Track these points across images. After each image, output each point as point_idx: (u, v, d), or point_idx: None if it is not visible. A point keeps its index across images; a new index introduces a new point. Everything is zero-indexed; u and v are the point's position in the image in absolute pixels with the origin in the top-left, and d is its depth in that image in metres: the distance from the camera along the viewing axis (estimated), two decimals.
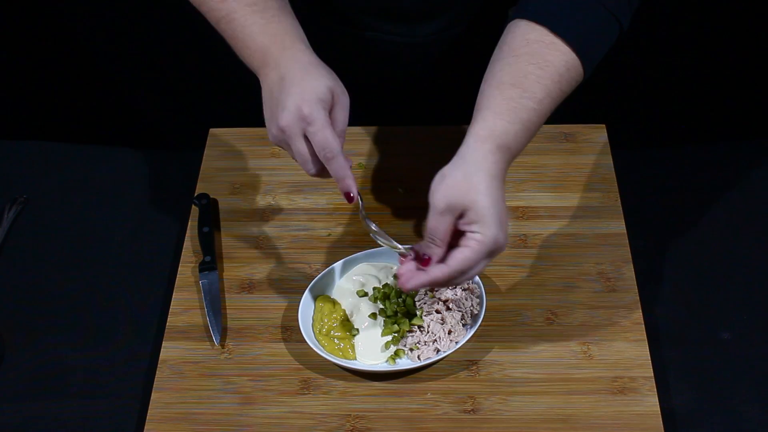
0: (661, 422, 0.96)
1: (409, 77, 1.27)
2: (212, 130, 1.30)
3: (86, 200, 1.27)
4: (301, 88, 0.93)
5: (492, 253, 0.91)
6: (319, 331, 1.03)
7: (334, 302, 1.06)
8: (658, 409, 0.97)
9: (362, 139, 1.28)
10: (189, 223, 1.19)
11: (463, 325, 1.03)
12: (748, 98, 1.87)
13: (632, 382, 0.99)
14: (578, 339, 1.04)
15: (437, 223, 0.91)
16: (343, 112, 0.96)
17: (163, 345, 1.06)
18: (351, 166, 0.96)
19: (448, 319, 1.02)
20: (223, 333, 1.06)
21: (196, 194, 1.21)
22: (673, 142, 1.32)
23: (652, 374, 1.00)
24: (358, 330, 1.04)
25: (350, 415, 0.98)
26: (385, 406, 0.99)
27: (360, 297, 1.07)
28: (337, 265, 1.09)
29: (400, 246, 0.97)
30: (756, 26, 1.81)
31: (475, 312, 1.03)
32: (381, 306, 1.05)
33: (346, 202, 0.97)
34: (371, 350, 1.02)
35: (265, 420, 0.98)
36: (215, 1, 1.01)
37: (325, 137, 0.92)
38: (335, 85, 0.95)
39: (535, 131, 0.96)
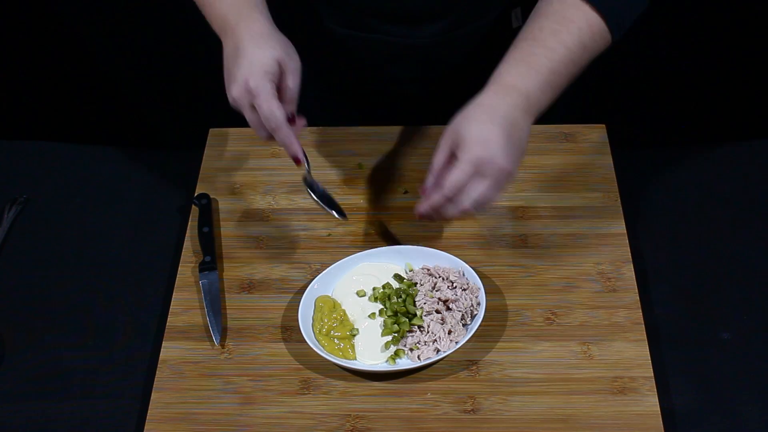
0: (661, 422, 0.96)
1: (412, 78, 1.27)
2: (212, 130, 1.30)
3: (86, 200, 1.27)
4: (249, 61, 0.98)
5: (482, 171, 0.94)
6: (319, 331, 1.03)
7: (334, 302, 1.06)
8: (658, 409, 0.97)
9: (362, 139, 1.28)
10: (189, 223, 1.19)
11: (464, 325, 1.03)
12: (748, 98, 1.87)
13: (632, 382, 0.99)
14: (578, 339, 1.04)
15: (436, 154, 0.98)
16: (293, 79, 1.00)
17: (163, 345, 1.06)
18: (301, 127, 1.02)
19: (448, 319, 1.02)
20: (223, 333, 1.06)
21: (196, 194, 1.21)
22: (673, 142, 1.32)
23: (652, 374, 1.00)
24: (357, 330, 1.04)
25: (350, 415, 0.98)
26: (385, 406, 0.99)
27: (360, 297, 1.07)
28: (337, 265, 1.09)
29: (336, 215, 1.09)
30: (756, 26, 1.81)
31: (475, 312, 1.03)
32: (381, 306, 1.05)
33: (348, 202, 1.06)
34: (371, 350, 1.02)
35: (265, 420, 0.98)
36: None
37: (269, 109, 0.97)
38: (283, 55, 0.99)
39: (550, 76, 0.99)
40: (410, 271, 1.09)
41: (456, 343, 1.00)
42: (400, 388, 1.00)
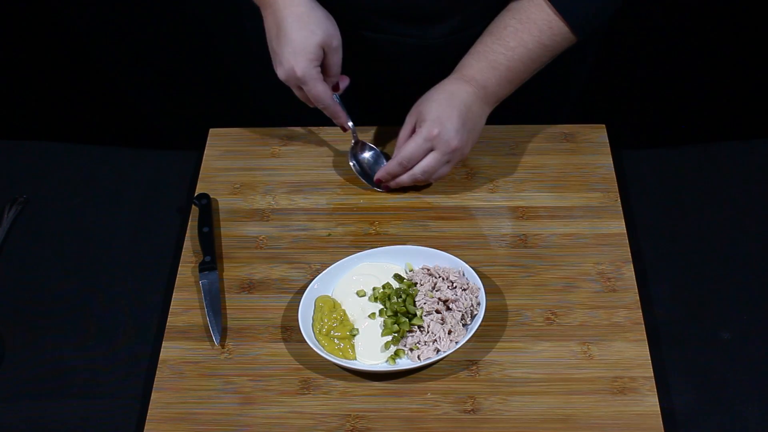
0: (661, 422, 0.96)
1: (422, 79, 1.27)
2: (212, 130, 1.30)
3: (86, 200, 1.27)
4: (293, 46, 1.07)
5: (435, 146, 1.11)
6: (319, 331, 1.03)
7: (334, 302, 1.06)
8: (658, 409, 0.97)
9: (367, 138, 1.28)
10: (189, 223, 1.19)
11: (464, 325, 1.03)
12: (748, 98, 1.87)
13: (632, 382, 0.99)
14: (578, 339, 1.04)
15: (402, 129, 1.13)
16: (336, 57, 1.11)
17: (163, 345, 1.06)
18: (345, 87, 1.17)
19: (448, 319, 1.02)
20: (223, 333, 1.06)
21: (196, 194, 1.21)
22: (673, 142, 1.32)
23: (652, 374, 1.00)
24: (357, 330, 1.04)
25: (350, 415, 0.98)
26: (385, 406, 0.99)
27: (360, 297, 1.07)
28: (337, 265, 1.09)
29: (375, 188, 1.20)
30: (756, 26, 1.81)
31: (475, 312, 1.03)
32: (381, 306, 1.05)
33: (348, 202, 1.14)
34: (371, 350, 1.02)
35: (265, 420, 0.98)
36: None
37: (317, 92, 1.10)
38: (324, 38, 1.08)
39: (507, 74, 1.11)
40: (410, 271, 1.09)
41: (456, 343, 1.00)
42: (400, 388, 1.00)
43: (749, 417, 1.00)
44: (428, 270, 1.07)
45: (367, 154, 1.23)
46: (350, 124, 1.18)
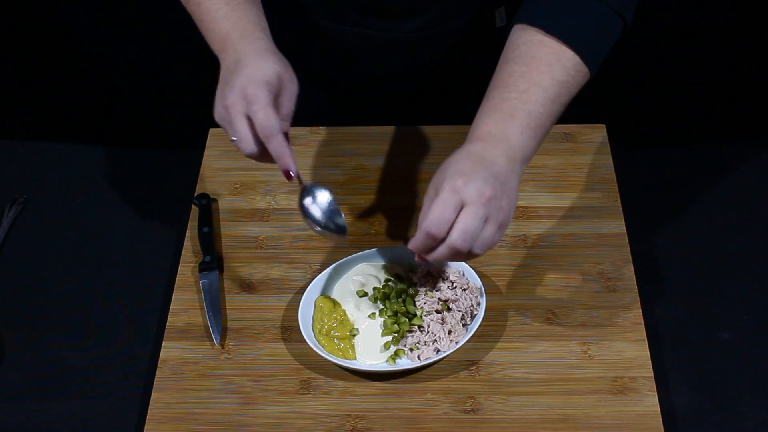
0: (661, 422, 0.96)
1: (398, 74, 1.27)
2: (212, 130, 1.30)
3: (86, 200, 1.27)
4: (250, 70, 0.95)
5: (465, 198, 0.88)
6: (319, 331, 1.03)
7: (334, 302, 1.06)
8: (658, 409, 0.97)
9: (362, 139, 1.28)
10: (189, 223, 1.19)
11: (464, 325, 1.03)
12: (748, 98, 1.87)
13: (632, 382, 0.99)
14: (578, 339, 1.04)
15: (423, 207, 0.91)
16: (289, 99, 0.97)
17: (163, 345, 1.06)
18: (291, 151, 0.96)
19: (448, 320, 1.02)
20: (223, 333, 1.06)
21: (196, 194, 1.21)
22: (673, 142, 1.32)
23: (652, 374, 1.00)
24: (357, 330, 1.04)
25: (350, 415, 0.98)
26: (385, 406, 0.99)
27: (360, 297, 1.07)
28: (337, 265, 1.09)
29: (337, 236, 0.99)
30: (756, 26, 1.81)
31: (475, 312, 1.03)
32: (381, 306, 1.05)
33: (348, 202, 1.06)
34: (371, 350, 1.02)
35: (265, 420, 0.98)
36: None
37: (267, 115, 0.93)
38: (284, 72, 0.97)
39: (527, 119, 0.95)
40: (410, 271, 1.09)
41: (456, 343, 1.00)
42: (400, 388, 1.00)
43: (749, 417, 1.00)
44: (428, 270, 1.07)
45: (320, 198, 0.99)
46: (294, 168, 0.96)
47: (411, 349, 1.01)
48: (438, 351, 1.01)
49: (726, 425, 0.99)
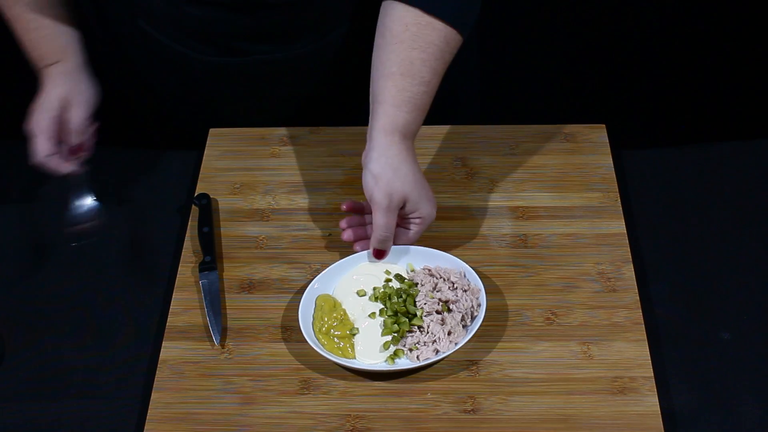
0: (661, 422, 0.96)
1: (300, 90, 1.29)
2: (212, 130, 1.30)
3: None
4: (40, 98, 1.16)
5: (429, 225, 1.08)
6: (319, 330, 1.03)
7: (334, 301, 1.06)
8: (658, 409, 0.97)
9: (362, 139, 1.27)
10: (189, 223, 1.19)
11: (463, 326, 1.03)
12: (748, 98, 1.87)
13: (632, 382, 0.99)
14: (578, 339, 1.04)
15: (387, 221, 1.03)
16: (77, 112, 1.17)
17: (163, 345, 1.06)
18: (82, 156, 1.19)
19: (448, 320, 1.02)
20: (223, 333, 1.06)
21: (196, 194, 1.21)
22: (673, 142, 1.32)
23: (652, 374, 1.00)
24: (358, 329, 1.04)
25: (350, 415, 0.98)
26: (385, 406, 0.99)
27: (360, 296, 1.07)
28: (338, 265, 1.09)
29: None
30: (756, 26, 1.81)
31: (475, 313, 1.03)
32: (381, 306, 1.05)
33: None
34: (371, 350, 1.02)
35: (265, 420, 0.98)
36: (4, 7, 1.20)
37: (35, 144, 1.15)
38: (70, 90, 1.16)
39: (428, 109, 1.06)
40: (411, 271, 1.09)
41: (455, 344, 1.00)
42: (400, 388, 1.00)
43: (749, 417, 1.00)
44: (429, 270, 1.07)
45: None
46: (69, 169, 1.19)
47: (410, 350, 1.01)
48: (437, 351, 1.01)
49: (726, 425, 0.99)
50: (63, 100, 1.15)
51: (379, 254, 1.07)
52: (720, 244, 1.17)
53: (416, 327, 1.03)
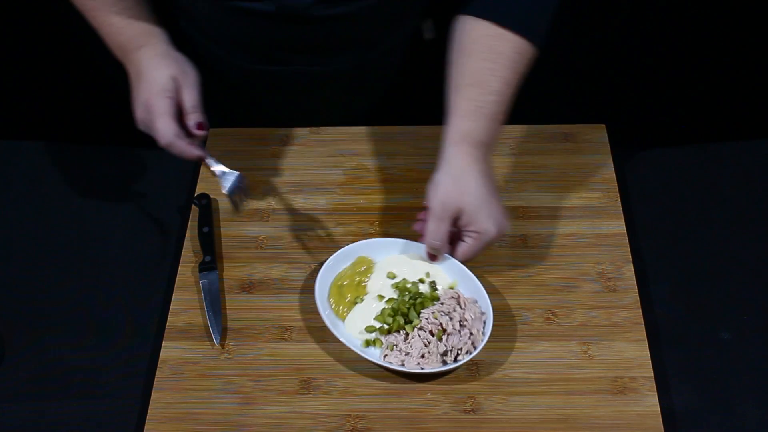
0: (661, 422, 0.96)
1: (335, 106, 1.30)
2: (212, 130, 1.30)
3: (86, 200, 1.27)
4: (146, 83, 1.07)
5: (489, 243, 1.03)
6: (337, 281, 1.05)
7: (369, 268, 1.07)
8: (658, 409, 0.97)
9: (362, 139, 1.28)
10: (189, 223, 1.19)
11: (443, 360, 1.01)
12: (748, 98, 1.87)
13: (632, 382, 0.99)
14: (578, 339, 1.04)
15: (437, 227, 1.02)
16: (189, 92, 1.08)
17: (163, 345, 1.06)
18: (203, 134, 1.08)
19: (431, 347, 1.00)
20: (223, 333, 1.06)
21: (196, 194, 1.21)
22: (673, 142, 1.32)
23: (652, 374, 1.00)
24: (362, 300, 1.04)
25: (350, 415, 0.98)
26: (385, 406, 0.99)
27: (388, 278, 1.07)
28: (403, 242, 1.09)
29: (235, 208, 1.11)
30: (756, 26, 1.81)
31: (460, 357, 1.01)
32: (394, 296, 1.05)
33: (348, 202, 1.12)
34: (357, 324, 1.03)
35: (265, 420, 0.99)
36: None
37: (162, 125, 1.05)
38: (178, 71, 1.07)
39: (503, 117, 1.05)
40: (450, 288, 1.07)
41: (421, 368, 1.00)
42: (400, 388, 1.00)
43: (749, 417, 1.00)
44: (458, 298, 1.05)
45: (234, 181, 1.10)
46: (201, 152, 1.08)
47: (389, 348, 1.01)
48: (402, 364, 1.00)
49: (726, 425, 0.99)
50: (175, 81, 1.07)
51: (432, 257, 1.07)
52: (720, 244, 1.17)
53: (404, 331, 1.02)
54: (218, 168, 1.08)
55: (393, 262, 1.09)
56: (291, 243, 1.16)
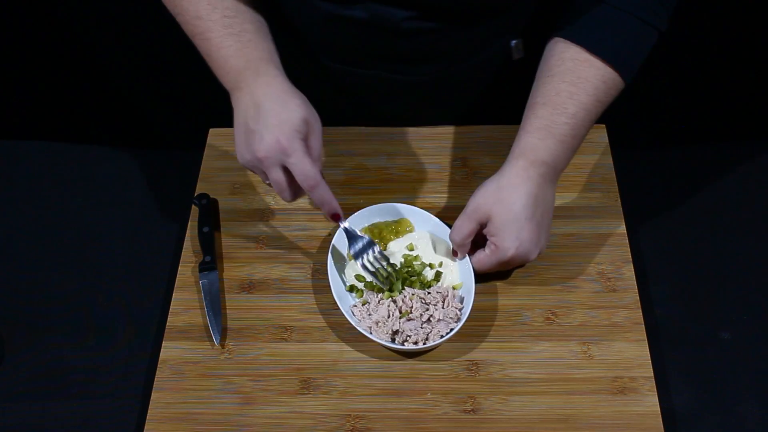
0: (661, 422, 0.96)
1: (410, 114, 1.28)
2: (212, 130, 1.30)
3: (86, 200, 1.27)
4: (279, 120, 0.95)
5: (505, 263, 1.02)
6: (375, 227, 1.10)
7: (404, 231, 1.10)
8: (658, 409, 0.97)
9: (362, 139, 1.28)
10: (189, 223, 1.19)
11: (393, 339, 1.02)
12: (748, 98, 1.87)
13: (632, 382, 0.99)
14: (578, 339, 1.04)
15: (462, 224, 1.02)
16: (317, 140, 0.98)
17: (163, 345, 1.06)
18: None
19: (390, 320, 1.02)
20: (223, 333, 1.06)
21: (196, 194, 1.21)
22: (673, 143, 1.32)
23: (652, 374, 1.00)
24: (386, 247, 1.09)
25: (350, 415, 0.98)
26: (385, 406, 0.99)
27: (408, 249, 1.09)
28: (442, 226, 1.09)
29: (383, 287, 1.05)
30: (756, 26, 1.81)
31: (415, 341, 1.01)
32: (398, 261, 1.08)
33: (348, 202, 1.08)
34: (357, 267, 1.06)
35: (265, 420, 0.99)
36: (191, 17, 1.01)
37: (306, 168, 0.95)
38: (309, 115, 0.97)
39: (573, 143, 1.03)
40: (453, 288, 1.07)
41: (370, 332, 1.01)
42: (400, 388, 1.00)
43: (749, 417, 1.00)
44: (446, 298, 1.05)
45: (367, 248, 1.07)
46: (341, 211, 1.02)
47: (363, 303, 1.03)
48: (359, 320, 1.02)
49: (726, 425, 1.00)
50: (306, 125, 0.97)
51: (454, 252, 1.06)
52: (720, 244, 1.17)
53: (381, 295, 1.04)
54: (351, 228, 1.05)
55: (424, 238, 1.10)
56: (291, 243, 1.16)
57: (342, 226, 1.04)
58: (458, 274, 1.07)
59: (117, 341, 1.10)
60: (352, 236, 1.05)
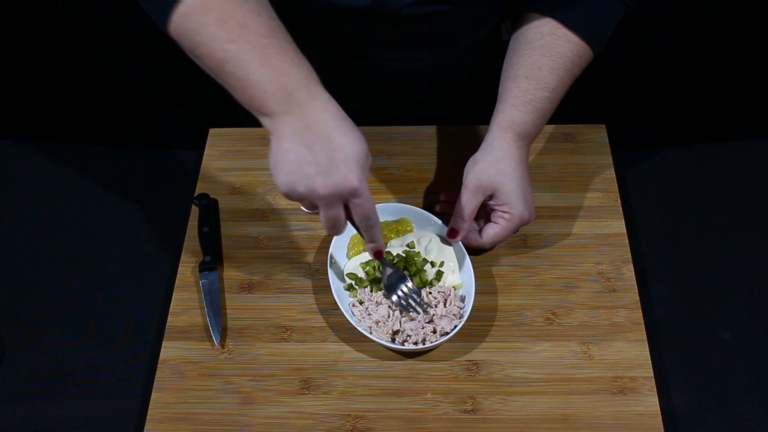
0: (661, 422, 0.96)
1: (411, 100, 1.28)
2: (212, 130, 1.30)
3: (86, 200, 1.27)
4: (345, 155, 0.88)
5: (518, 227, 1.08)
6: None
7: (404, 230, 1.11)
8: (658, 409, 0.97)
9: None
10: (189, 223, 1.19)
11: (393, 339, 1.02)
12: (748, 98, 1.87)
13: (632, 382, 0.99)
14: (578, 339, 1.04)
15: (467, 201, 1.05)
16: (369, 171, 0.94)
17: (163, 345, 1.06)
18: None
19: (390, 320, 1.02)
20: (223, 333, 1.06)
21: (196, 194, 1.21)
22: (673, 142, 1.32)
23: (652, 374, 1.00)
24: (392, 238, 1.11)
25: (350, 415, 0.98)
26: (385, 406, 0.99)
27: (408, 246, 1.09)
28: (442, 227, 1.10)
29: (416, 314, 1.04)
30: (756, 26, 1.81)
31: (415, 341, 1.01)
32: (402, 253, 1.08)
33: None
34: (354, 265, 1.08)
35: (265, 420, 0.99)
36: (220, 42, 0.90)
37: (370, 209, 0.92)
38: (367, 147, 0.91)
39: (549, 115, 1.10)
40: (454, 287, 1.07)
41: (370, 332, 1.01)
42: (400, 388, 1.00)
43: (749, 417, 1.00)
44: (447, 298, 1.06)
45: (399, 283, 1.06)
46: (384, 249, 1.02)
47: (359, 302, 1.04)
48: (359, 320, 1.03)
49: (726, 425, 1.00)
50: (368, 158, 0.91)
51: (452, 233, 1.08)
52: (720, 244, 1.17)
53: (378, 293, 1.05)
54: (386, 261, 1.04)
55: (424, 237, 1.10)
56: (291, 243, 1.16)
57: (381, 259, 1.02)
58: (458, 274, 1.07)
59: (117, 341, 1.10)
60: (386, 267, 1.04)
